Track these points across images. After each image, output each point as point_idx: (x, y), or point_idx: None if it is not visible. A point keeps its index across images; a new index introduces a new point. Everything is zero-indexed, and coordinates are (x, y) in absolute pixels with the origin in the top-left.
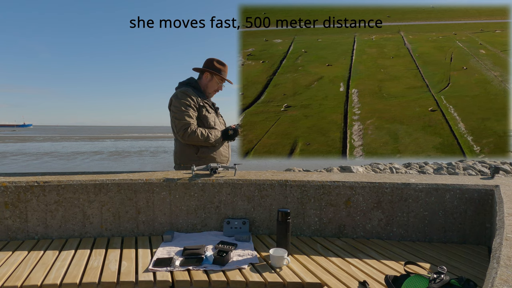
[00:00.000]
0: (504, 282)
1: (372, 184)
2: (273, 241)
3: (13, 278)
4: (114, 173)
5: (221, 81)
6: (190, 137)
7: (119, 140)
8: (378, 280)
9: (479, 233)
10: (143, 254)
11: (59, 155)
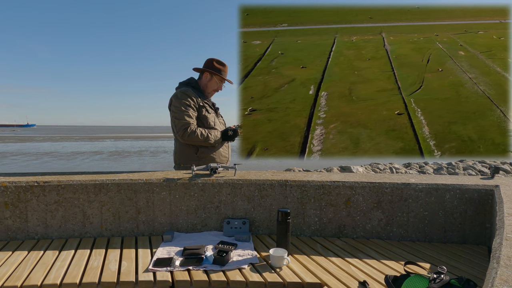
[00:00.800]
0: (504, 282)
1: (372, 184)
2: (273, 241)
3: (13, 278)
4: (114, 173)
5: (221, 81)
6: (189, 137)
7: (119, 140)
8: (378, 280)
9: (479, 233)
10: (143, 254)
11: (59, 155)
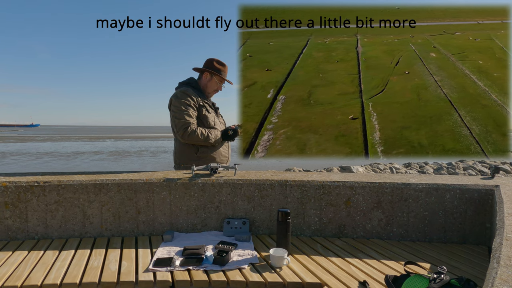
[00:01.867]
0: (504, 282)
1: (372, 184)
2: (273, 241)
3: (13, 278)
4: (114, 173)
5: (221, 81)
6: (190, 136)
7: (119, 140)
8: (378, 280)
9: (479, 233)
10: (143, 254)
11: (59, 155)
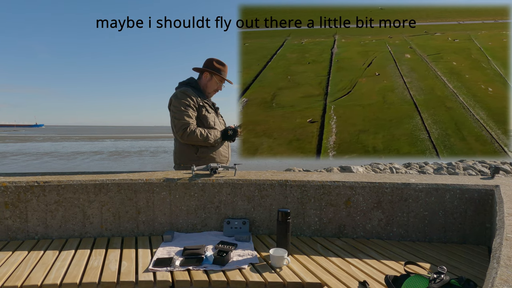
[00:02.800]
0: (504, 282)
1: (372, 184)
2: (273, 241)
3: (13, 278)
4: (114, 173)
5: (221, 81)
6: (189, 136)
7: (119, 140)
8: (378, 280)
9: (479, 233)
10: (143, 254)
11: (59, 155)
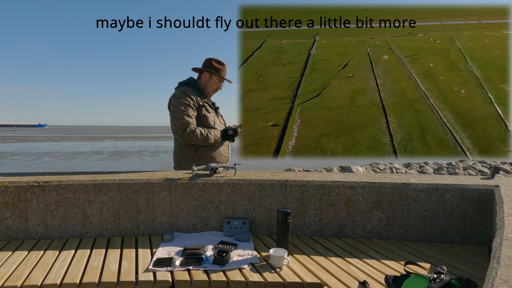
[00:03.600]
0: (504, 282)
1: (372, 184)
2: (273, 241)
3: (13, 278)
4: (114, 173)
5: (220, 80)
6: (189, 136)
7: (119, 140)
8: (378, 280)
9: (479, 233)
10: (143, 254)
11: (59, 155)
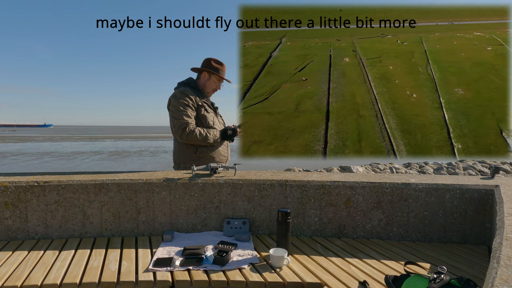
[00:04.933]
0: (504, 282)
1: (372, 184)
2: (273, 241)
3: (13, 278)
4: (114, 173)
5: (219, 80)
6: (188, 136)
7: (119, 140)
8: (378, 280)
9: (479, 233)
10: (143, 254)
11: (59, 155)
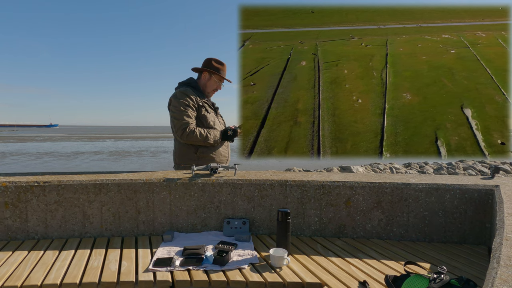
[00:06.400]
0: (504, 282)
1: (372, 184)
2: (273, 241)
3: (13, 278)
4: (114, 173)
5: (220, 80)
6: (188, 136)
7: (119, 140)
8: (378, 280)
9: (479, 233)
10: (143, 254)
11: (59, 155)
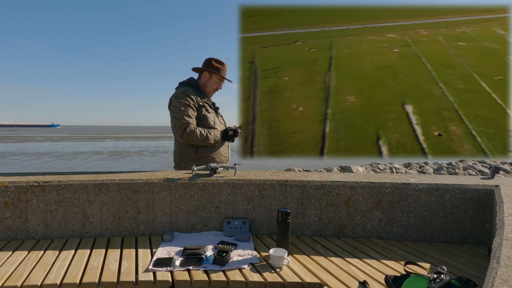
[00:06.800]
0: (504, 282)
1: (372, 184)
2: (273, 241)
3: (13, 278)
4: (114, 173)
5: (220, 80)
6: (189, 136)
7: (119, 140)
8: (378, 280)
9: (479, 233)
10: (143, 254)
11: (59, 155)
